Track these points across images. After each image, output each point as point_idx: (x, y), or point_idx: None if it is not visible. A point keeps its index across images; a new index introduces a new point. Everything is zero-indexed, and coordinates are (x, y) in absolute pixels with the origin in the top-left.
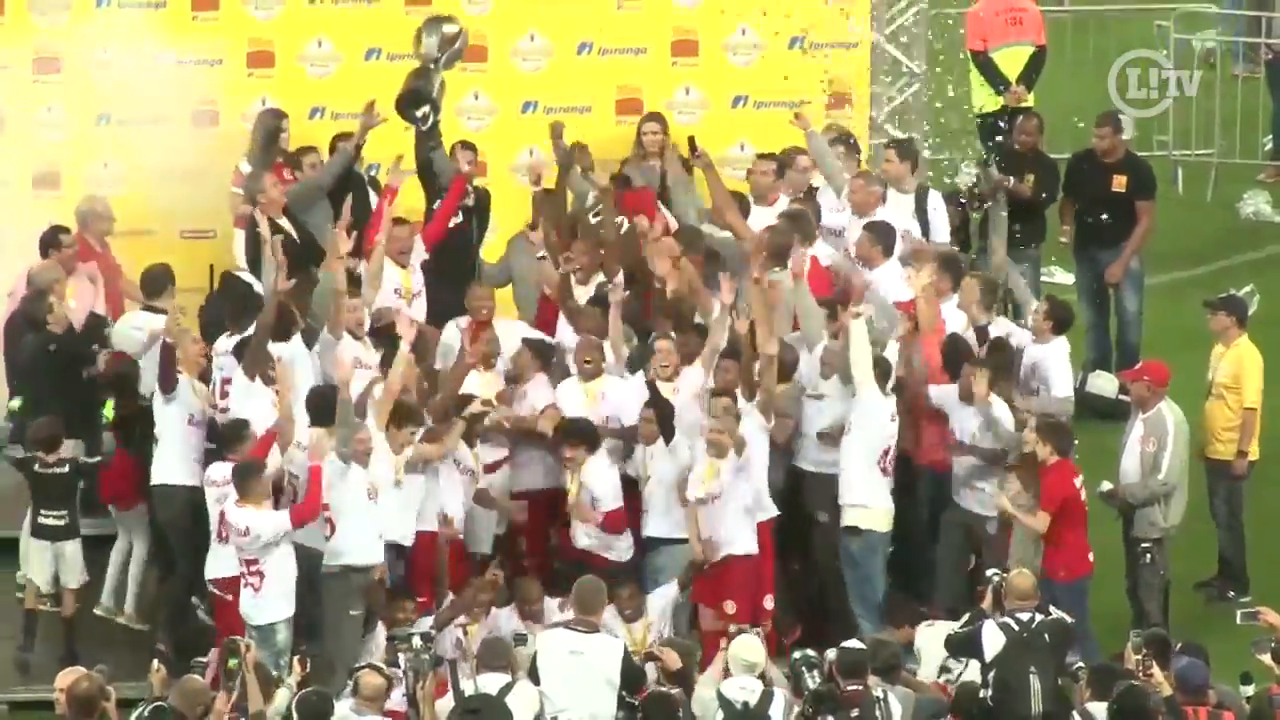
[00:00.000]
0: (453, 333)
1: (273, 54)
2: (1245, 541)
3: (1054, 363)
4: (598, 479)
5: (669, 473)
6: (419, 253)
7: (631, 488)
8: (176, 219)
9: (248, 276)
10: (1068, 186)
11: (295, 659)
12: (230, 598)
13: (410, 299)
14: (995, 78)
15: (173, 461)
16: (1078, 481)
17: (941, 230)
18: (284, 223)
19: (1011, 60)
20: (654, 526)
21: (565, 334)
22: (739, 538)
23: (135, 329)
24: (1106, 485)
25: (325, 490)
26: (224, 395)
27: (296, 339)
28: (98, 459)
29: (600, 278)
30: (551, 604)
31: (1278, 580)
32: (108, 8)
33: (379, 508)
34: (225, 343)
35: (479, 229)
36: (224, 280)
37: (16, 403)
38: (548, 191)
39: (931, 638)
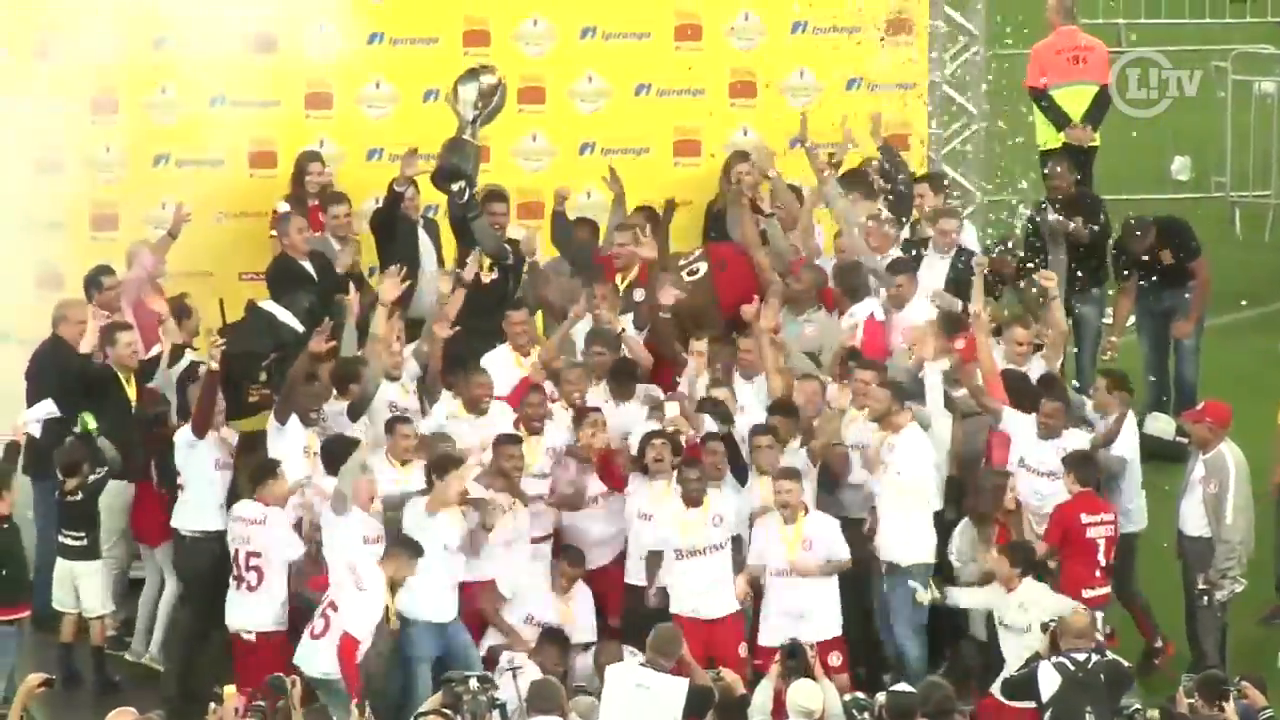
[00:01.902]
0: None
1: (331, 95)
2: None
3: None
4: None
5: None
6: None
7: None
8: (234, 260)
9: (269, 305)
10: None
11: (354, 705)
12: (254, 642)
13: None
14: (1057, 115)
15: (198, 507)
16: (1087, 519)
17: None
18: (306, 264)
19: (1074, 99)
20: None
21: None
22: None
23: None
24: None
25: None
26: None
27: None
28: (104, 470)
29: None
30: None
31: None
32: (162, 51)
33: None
34: None
35: (515, 283)
36: (248, 309)
37: (89, 422)
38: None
39: (1037, 590)
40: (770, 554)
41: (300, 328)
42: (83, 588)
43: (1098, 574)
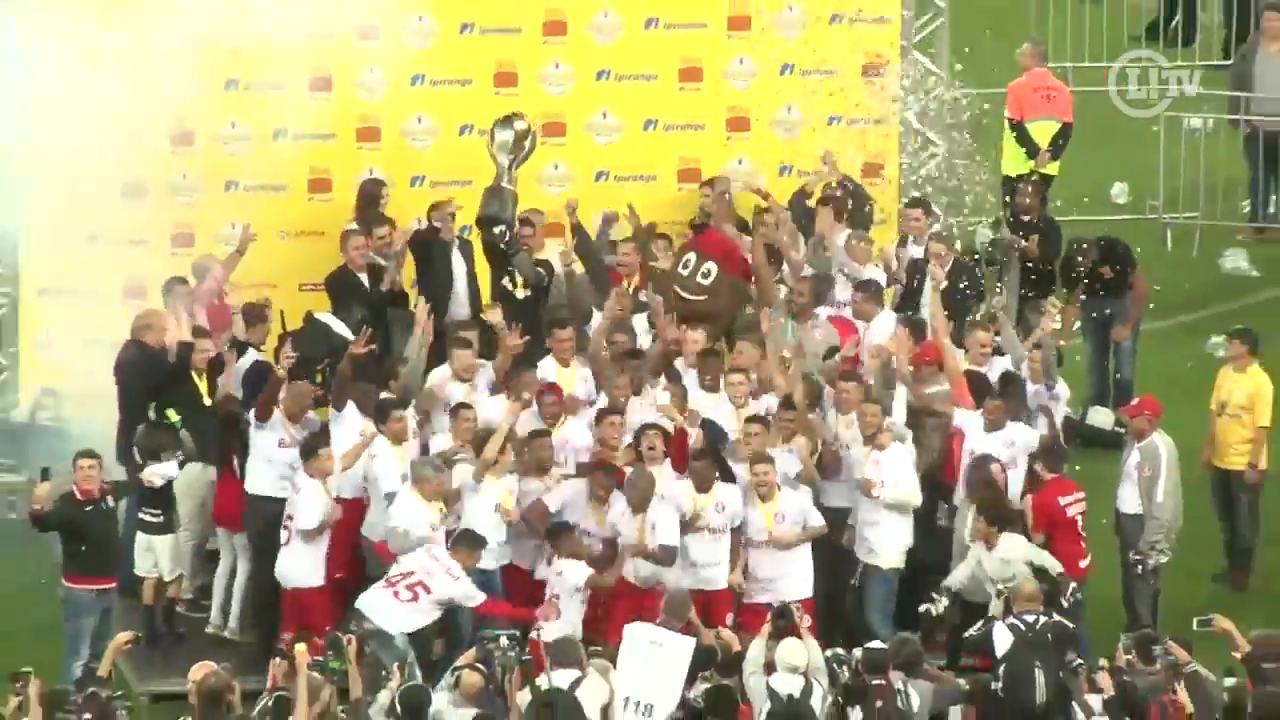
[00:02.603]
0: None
1: (379, 129)
2: (1252, 541)
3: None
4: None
5: None
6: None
7: None
8: (295, 273)
9: (324, 317)
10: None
11: (396, 667)
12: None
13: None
14: (1029, 145)
15: (263, 476)
16: (1064, 500)
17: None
18: (362, 276)
19: (1042, 132)
20: None
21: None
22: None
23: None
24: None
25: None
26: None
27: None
28: (180, 456)
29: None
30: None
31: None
32: (234, 91)
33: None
34: None
35: (545, 299)
36: (306, 320)
37: (172, 415)
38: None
39: (1014, 543)
40: (751, 528)
41: (351, 336)
42: (159, 556)
43: (1081, 546)
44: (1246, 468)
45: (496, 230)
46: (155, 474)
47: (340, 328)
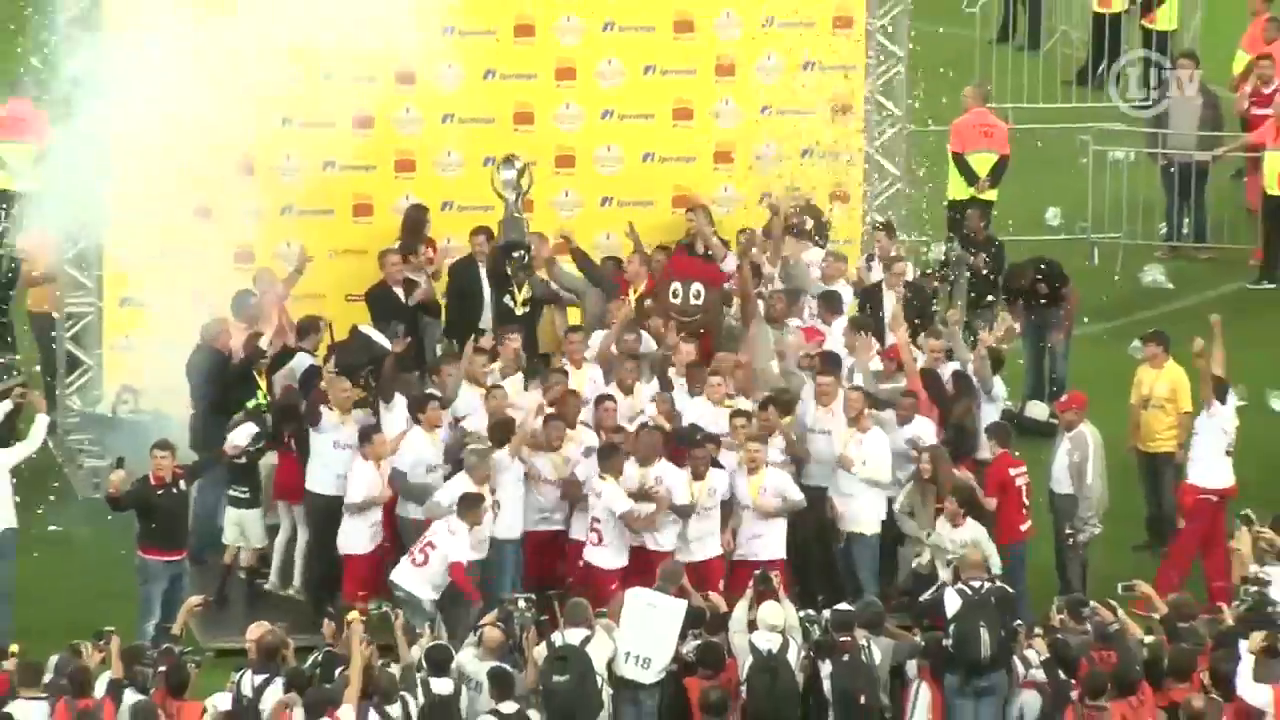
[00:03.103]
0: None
1: (414, 161)
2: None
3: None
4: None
5: None
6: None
7: None
8: (342, 286)
9: (367, 329)
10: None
11: (426, 626)
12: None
13: None
14: (969, 174)
15: (321, 474)
16: (1013, 471)
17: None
18: (398, 291)
19: (981, 163)
20: None
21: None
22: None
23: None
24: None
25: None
26: None
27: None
28: (262, 443)
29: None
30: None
31: None
32: (289, 127)
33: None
34: None
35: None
36: (351, 332)
37: (253, 402)
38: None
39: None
40: (738, 496)
41: (390, 346)
42: (247, 529)
43: (1024, 512)
44: (1176, 449)
45: (517, 255)
46: (237, 436)
47: (380, 339)
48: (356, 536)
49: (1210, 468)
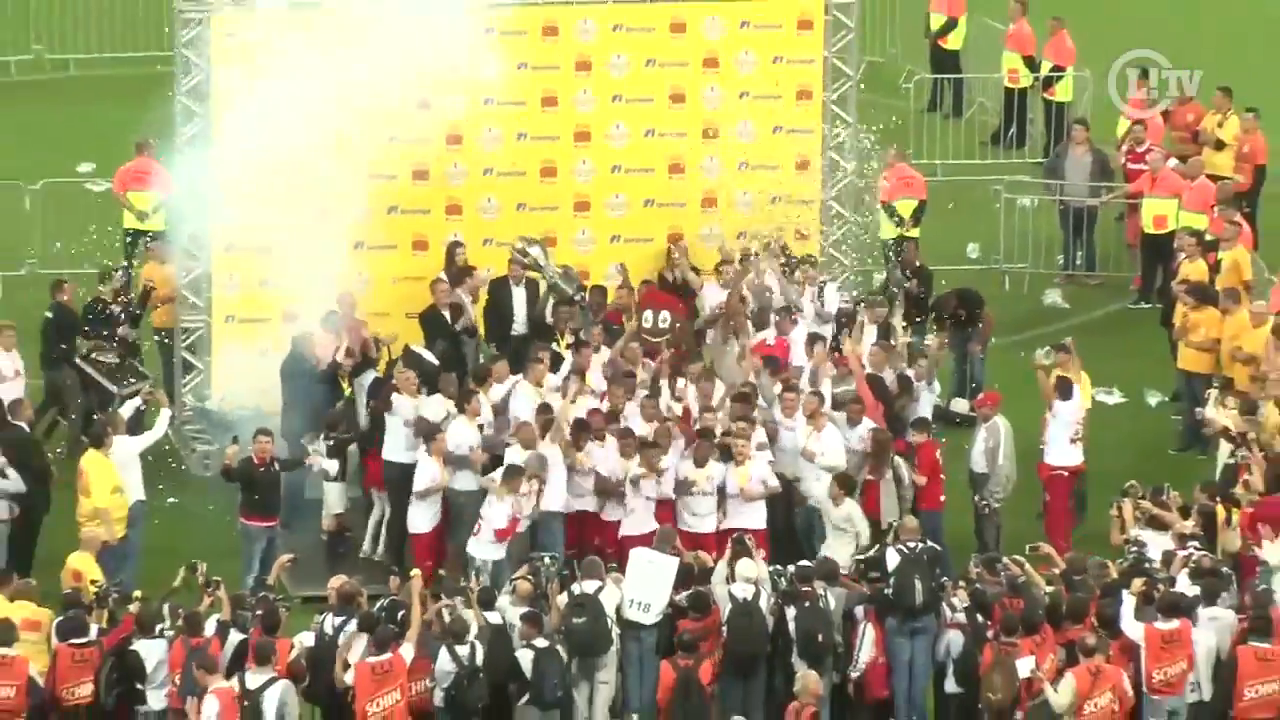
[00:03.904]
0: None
1: (461, 206)
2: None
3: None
4: None
5: None
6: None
7: None
8: (403, 306)
9: (417, 348)
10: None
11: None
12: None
13: None
14: (896, 217)
15: (395, 447)
16: (937, 453)
17: (832, 307)
18: (445, 313)
19: (905, 207)
20: None
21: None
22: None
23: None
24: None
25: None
26: None
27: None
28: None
29: None
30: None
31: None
32: (358, 178)
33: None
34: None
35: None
36: (404, 351)
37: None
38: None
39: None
40: (729, 484)
41: (436, 362)
42: (330, 499)
43: (941, 487)
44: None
45: (578, 296)
46: (319, 463)
47: (429, 356)
48: (420, 518)
49: (1061, 451)
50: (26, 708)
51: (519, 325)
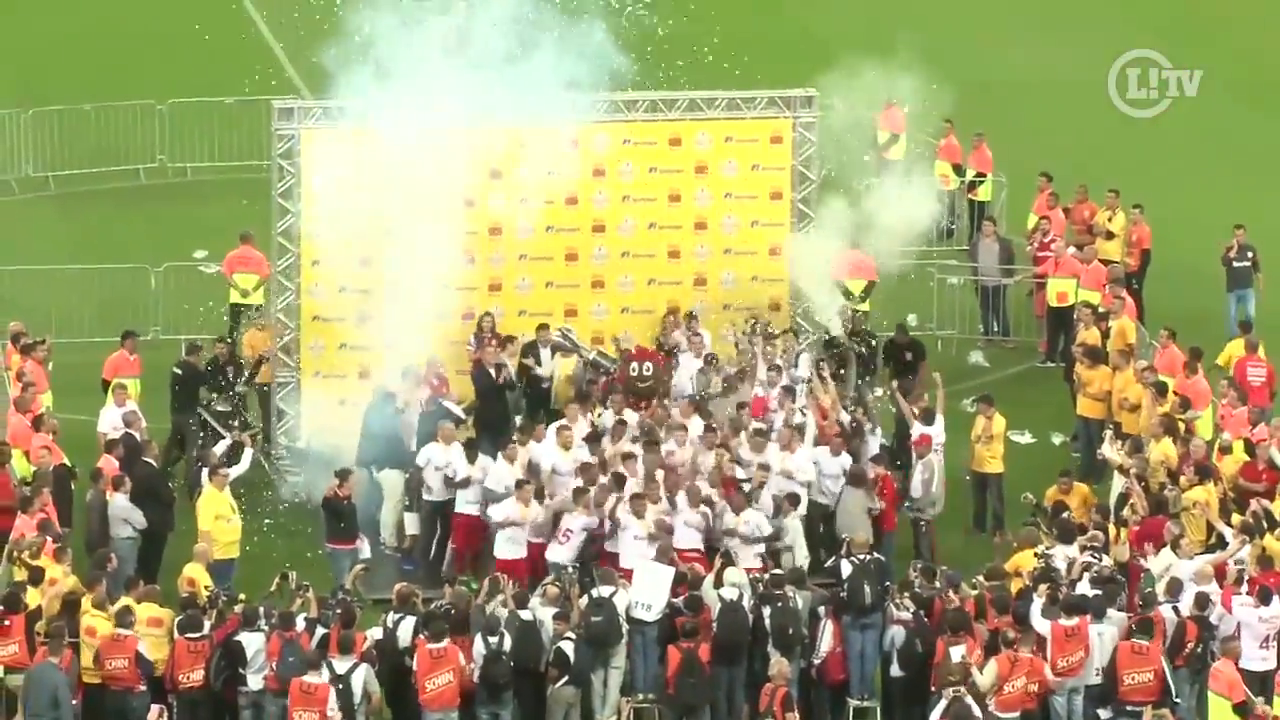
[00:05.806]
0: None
1: (501, 284)
2: (1001, 512)
3: None
4: None
5: None
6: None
7: None
8: (455, 364)
9: (446, 402)
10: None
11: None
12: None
13: None
14: (849, 295)
15: (430, 486)
16: (894, 486)
17: (803, 371)
18: (491, 370)
19: (856, 285)
20: None
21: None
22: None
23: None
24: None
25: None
26: None
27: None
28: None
29: None
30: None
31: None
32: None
33: None
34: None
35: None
36: (429, 403)
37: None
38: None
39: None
40: (726, 524)
41: (461, 414)
42: (406, 522)
43: (895, 513)
44: (1001, 470)
45: (612, 367)
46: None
47: (455, 410)
48: (504, 547)
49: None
50: (139, 678)
51: (544, 373)
